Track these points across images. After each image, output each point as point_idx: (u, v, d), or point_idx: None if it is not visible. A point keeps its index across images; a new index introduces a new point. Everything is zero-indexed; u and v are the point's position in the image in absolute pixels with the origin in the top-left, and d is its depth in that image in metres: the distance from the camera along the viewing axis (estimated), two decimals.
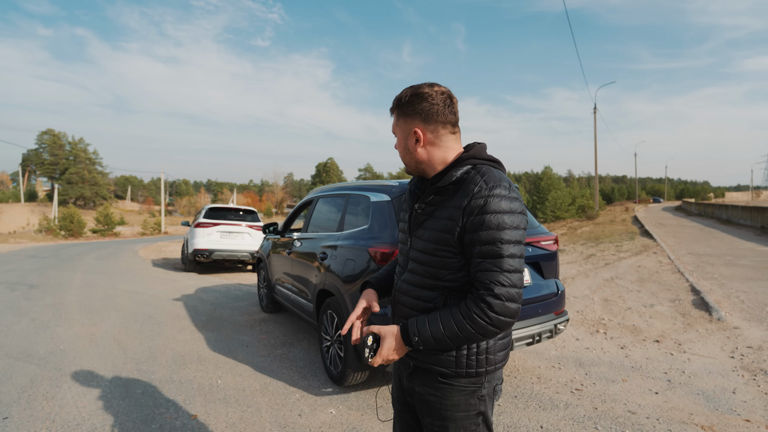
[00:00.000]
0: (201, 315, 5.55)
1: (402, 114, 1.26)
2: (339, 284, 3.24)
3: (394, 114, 1.29)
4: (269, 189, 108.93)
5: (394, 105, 1.28)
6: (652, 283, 7.13)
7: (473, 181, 1.16)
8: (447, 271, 1.19)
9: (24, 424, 2.68)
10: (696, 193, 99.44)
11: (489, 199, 1.11)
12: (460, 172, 1.19)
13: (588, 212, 30.33)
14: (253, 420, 2.78)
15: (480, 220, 1.11)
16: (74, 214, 29.28)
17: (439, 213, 1.20)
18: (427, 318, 1.17)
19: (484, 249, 1.11)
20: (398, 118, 1.27)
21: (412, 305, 1.27)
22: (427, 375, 1.25)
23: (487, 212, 1.11)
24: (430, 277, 1.22)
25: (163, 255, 14.73)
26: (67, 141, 77.98)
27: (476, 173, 1.18)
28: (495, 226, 1.10)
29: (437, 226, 1.20)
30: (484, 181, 1.14)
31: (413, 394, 1.31)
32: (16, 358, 3.87)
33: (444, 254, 1.18)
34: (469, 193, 1.14)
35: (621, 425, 2.70)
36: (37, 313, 5.54)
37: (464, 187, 1.17)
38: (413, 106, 1.23)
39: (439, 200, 1.22)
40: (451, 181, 1.19)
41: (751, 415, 2.82)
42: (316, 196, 4.53)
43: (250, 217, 10.69)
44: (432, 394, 1.24)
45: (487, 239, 1.10)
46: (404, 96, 1.24)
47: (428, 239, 1.22)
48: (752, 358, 3.82)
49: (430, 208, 1.24)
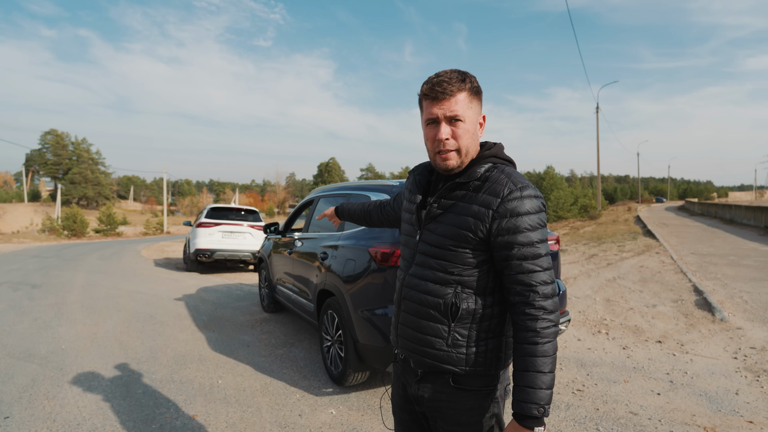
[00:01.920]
0: (202, 315, 5.56)
1: (476, 93, 1.18)
2: (339, 284, 3.23)
3: (462, 91, 1.15)
4: (271, 189, 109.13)
5: (462, 81, 1.15)
6: (654, 283, 7.10)
7: (500, 181, 1.15)
8: (462, 266, 1.17)
9: (25, 424, 2.68)
10: (699, 192, 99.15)
11: (522, 200, 1.12)
12: (483, 169, 1.17)
13: (590, 212, 30.25)
14: (253, 420, 2.78)
15: (516, 222, 1.11)
16: (77, 214, 29.34)
17: (460, 209, 1.17)
18: (523, 381, 1.08)
19: (523, 251, 1.11)
20: (471, 97, 1.17)
21: (420, 300, 1.22)
22: (438, 380, 1.22)
23: (522, 214, 1.11)
24: (443, 271, 1.18)
25: (165, 255, 14.76)
26: (70, 141, 78.25)
27: (500, 173, 1.17)
28: (531, 227, 1.12)
29: (457, 222, 1.16)
30: (512, 182, 1.14)
31: (422, 402, 1.26)
32: (18, 357, 3.89)
33: (461, 250, 1.16)
34: (498, 193, 1.13)
35: (623, 426, 2.68)
36: (39, 313, 5.55)
37: (490, 186, 1.15)
38: (480, 91, 1.20)
39: (460, 195, 1.18)
40: (476, 178, 1.17)
41: (753, 416, 2.81)
42: (317, 195, 4.53)
43: (251, 217, 10.70)
44: (444, 399, 1.21)
45: (525, 241, 1.11)
46: (470, 77, 1.17)
47: (444, 234, 1.18)
48: (755, 359, 3.79)
49: (447, 203, 1.20)
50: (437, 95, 1.15)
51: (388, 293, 2.83)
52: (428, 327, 1.21)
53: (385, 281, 2.85)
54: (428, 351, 1.21)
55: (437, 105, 1.16)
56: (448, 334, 1.18)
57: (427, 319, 1.21)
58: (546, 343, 1.09)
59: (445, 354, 1.19)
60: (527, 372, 1.08)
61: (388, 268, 2.83)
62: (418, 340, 1.23)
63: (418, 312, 1.23)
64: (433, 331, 1.20)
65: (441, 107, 1.15)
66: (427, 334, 1.21)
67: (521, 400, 1.08)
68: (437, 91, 1.15)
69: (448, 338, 1.18)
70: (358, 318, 2.98)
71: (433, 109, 1.16)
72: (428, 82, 1.18)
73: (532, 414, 1.06)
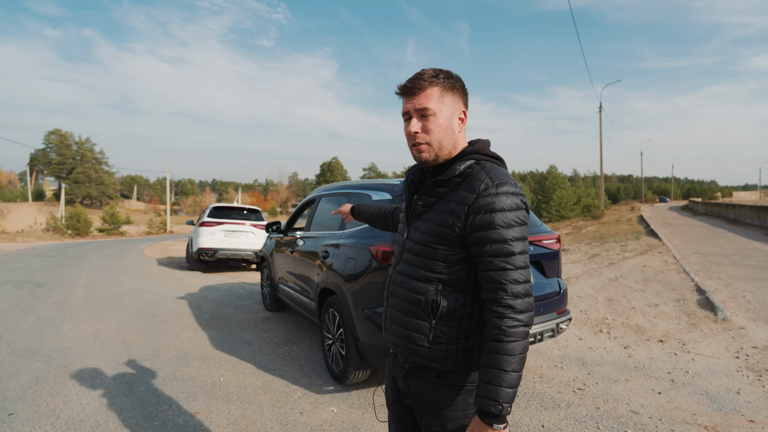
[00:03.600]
0: (205, 313, 5.58)
1: (450, 88, 1.19)
2: (341, 283, 3.24)
3: (432, 86, 1.17)
4: (274, 188, 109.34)
5: (434, 77, 1.17)
6: (656, 282, 7.08)
7: (477, 177, 1.15)
8: (443, 264, 1.18)
9: (29, 420, 2.71)
10: (703, 192, 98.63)
11: (497, 197, 1.11)
12: (464, 166, 1.18)
13: (593, 212, 30.17)
14: (254, 418, 2.79)
15: (489, 219, 1.10)
16: (81, 213, 29.47)
17: (440, 206, 1.19)
18: (485, 377, 1.08)
19: (495, 247, 1.10)
20: (445, 91, 1.18)
21: (404, 297, 1.25)
22: (424, 375, 1.24)
23: (496, 210, 1.10)
24: (425, 268, 1.21)
25: (168, 254, 14.81)
26: (73, 141, 78.68)
27: (480, 169, 1.17)
28: (505, 224, 1.10)
29: (437, 219, 1.18)
30: (490, 178, 1.14)
31: (410, 396, 1.29)
32: (22, 355, 3.92)
33: (441, 248, 1.18)
34: (474, 189, 1.13)
35: (623, 425, 2.68)
36: (43, 311, 5.59)
37: (468, 183, 1.16)
38: (460, 85, 1.21)
39: (441, 193, 1.21)
40: (455, 175, 1.18)
41: (755, 415, 2.80)
42: (319, 195, 4.54)
43: (254, 216, 10.72)
44: (429, 394, 1.23)
45: (497, 237, 1.10)
46: (447, 72, 1.19)
47: (426, 231, 1.20)
48: (757, 359, 3.78)
49: (430, 200, 1.23)
50: (407, 91, 1.19)
51: None
52: (411, 323, 1.23)
53: (385, 280, 2.85)
54: (412, 347, 1.23)
55: (408, 100, 1.20)
56: (430, 331, 1.20)
57: (411, 315, 1.23)
58: (511, 342, 1.07)
59: (427, 351, 1.20)
60: (490, 369, 1.08)
61: (388, 267, 2.84)
62: (402, 335, 1.26)
63: (403, 308, 1.26)
64: (416, 328, 1.22)
65: (411, 102, 1.19)
66: (410, 330, 1.23)
67: (481, 396, 1.08)
68: (407, 87, 1.19)
69: (430, 335, 1.20)
70: (359, 316, 2.99)
71: (405, 104, 1.21)
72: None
73: (490, 411, 1.06)
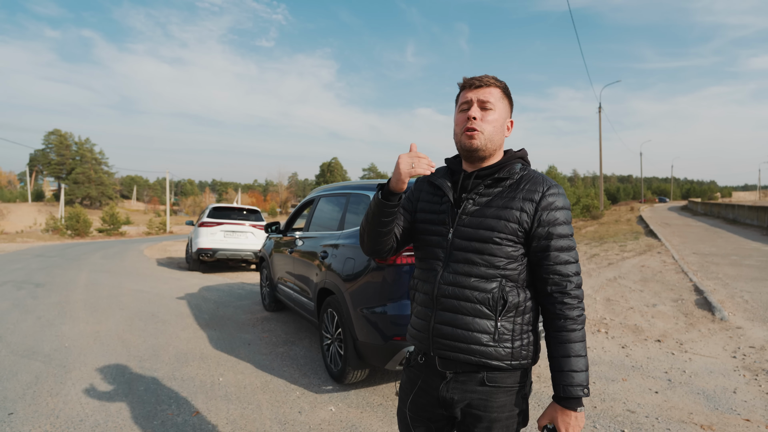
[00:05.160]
0: (204, 313, 5.60)
1: (507, 96, 1.32)
2: (339, 283, 3.26)
3: (496, 87, 1.29)
4: (274, 189, 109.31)
5: (497, 80, 1.30)
6: (655, 282, 7.10)
7: (536, 179, 1.25)
8: (506, 259, 1.21)
9: (29, 420, 2.72)
10: (702, 192, 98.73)
11: (558, 197, 1.23)
12: (519, 167, 1.28)
13: (593, 212, 30.16)
14: (253, 417, 2.81)
15: (556, 215, 1.21)
16: (80, 213, 29.45)
17: (501, 203, 1.23)
18: (565, 366, 1.18)
19: (561, 242, 1.20)
20: (504, 96, 1.30)
21: (466, 297, 1.21)
22: (470, 380, 1.23)
23: (560, 208, 1.22)
24: (487, 265, 1.21)
25: (167, 254, 14.82)
26: (73, 141, 78.64)
27: (533, 172, 1.28)
28: (566, 221, 1.23)
29: (500, 215, 1.21)
30: (548, 181, 1.25)
31: (452, 404, 1.25)
32: (22, 355, 3.93)
33: (506, 243, 1.20)
34: (538, 189, 1.23)
35: (620, 424, 2.70)
36: (42, 312, 5.60)
37: (529, 183, 1.24)
38: (511, 99, 1.35)
39: (497, 192, 1.26)
40: (514, 174, 1.27)
41: (751, 414, 2.82)
42: (318, 195, 4.56)
43: (253, 216, 10.74)
44: (476, 399, 1.23)
45: (563, 233, 1.21)
46: (504, 83, 1.31)
47: (487, 227, 1.21)
48: (754, 358, 3.80)
49: (483, 199, 1.26)
50: (474, 84, 1.28)
51: (387, 292, 2.85)
52: (473, 323, 1.21)
53: (384, 280, 2.87)
54: (474, 348, 1.20)
55: (472, 91, 1.28)
56: (495, 329, 1.20)
57: (473, 315, 1.21)
58: (581, 330, 1.19)
59: (492, 349, 1.20)
60: (568, 357, 1.17)
61: (387, 267, 2.85)
62: (461, 338, 1.22)
63: (461, 309, 1.22)
64: (480, 327, 1.20)
65: (476, 93, 1.27)
66: (472, 331, 1.21)
67: (566, 384, 1.17)
68: (474, 80, 1.29)
69: (495, 333, 1.20)
70: (357, 316, 3.00)
71: (468, 93, 1.28)
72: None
73: (577, 395, 1.16)
